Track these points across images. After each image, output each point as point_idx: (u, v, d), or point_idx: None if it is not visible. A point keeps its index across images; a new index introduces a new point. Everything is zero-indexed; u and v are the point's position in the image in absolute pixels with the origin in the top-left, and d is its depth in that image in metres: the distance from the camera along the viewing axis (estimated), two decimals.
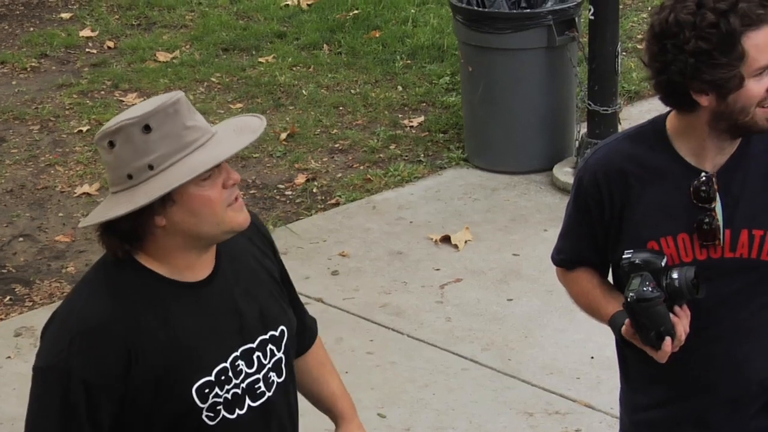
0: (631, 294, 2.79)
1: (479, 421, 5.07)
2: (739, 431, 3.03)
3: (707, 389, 3.01)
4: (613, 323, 2.97)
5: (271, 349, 2.71)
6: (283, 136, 8.04)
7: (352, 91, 8.71)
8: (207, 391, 2.59)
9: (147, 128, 2.50)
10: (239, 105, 8.59)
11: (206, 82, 8.96)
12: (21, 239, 6.85)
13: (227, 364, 2.63)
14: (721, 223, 2.90)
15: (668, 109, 2.98)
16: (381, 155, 7.75)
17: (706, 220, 2.89)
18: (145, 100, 8.27)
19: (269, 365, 2.71)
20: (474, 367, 5.46)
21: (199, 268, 2.64)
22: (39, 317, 5.98)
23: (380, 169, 7.53)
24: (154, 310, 2.56)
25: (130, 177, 2.53)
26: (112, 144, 2.54)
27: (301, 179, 7.48)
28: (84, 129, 8.17)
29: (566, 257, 3.13)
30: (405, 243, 6.61)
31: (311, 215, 7.02)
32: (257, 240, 2.80)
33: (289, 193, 7.35)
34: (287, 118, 8.33)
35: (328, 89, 8.75)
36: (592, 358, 5.44)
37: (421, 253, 6.50)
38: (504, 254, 6.46)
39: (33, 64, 9.35)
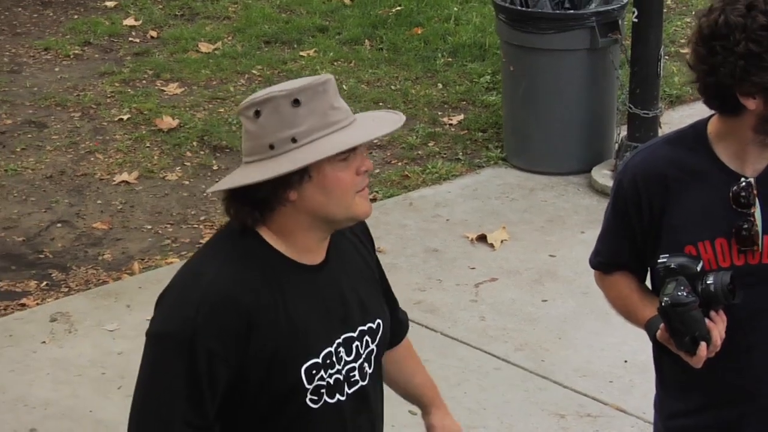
0: (665, 299, 2.78)
1: (510, 421, 5.06)
2: None
3: (743, 397, 2.98)
4: (649, 328, 2.95)
5: (367, 340, 2.77)
6: None
7: (393, 87, 8.70)
8: (314, 372, 2.64)
9: (296, 102, 2.56)
10: None
11: (247, 74, 8.97)
12: (59, 225, 6.89)
13: (332, 349, 2.68)
14: (759, 228, 2.88)
15: (709, 114, 2.96)
16: (419, 152, 7.74)
17: (745, 225, 2.87)
18: (186, 90, 8.22)
19: (364, 355, 2.76)
20: (507, 366, 5.45)
21: (316, 252, 2.69)
22: (74, 303, 6.02)
23: (418, 166, 7.52)
24: (272, 287, 2.60)
25: (271, 147, 2.58)
26: (258, 113, 2.60)
27: None
28: (125, 117, 8.20)
29: (604, 260, 3.12)
30: (441, 241, 6.61)
31: None
32: (361, 234, 2.87)
33: None
34: None
35: (369, 85, 8.75)
36: (626, 361, 5.42)
37: (457, 251, 6.50)
38: (540, 255, 6.44)
39: (76, 51, 9.40)
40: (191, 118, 8.21)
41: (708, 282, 2.81)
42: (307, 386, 2.63)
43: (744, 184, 2.87)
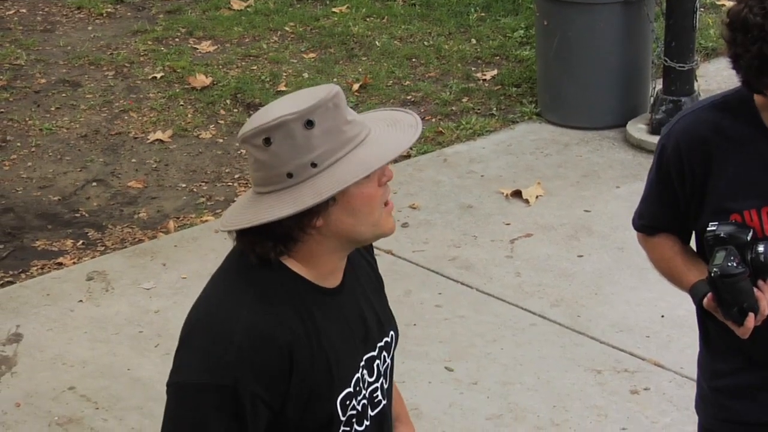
0: (715, 269, 2.73)
1: (547, 377, 5.05)
2: None
3: None
4: (695, 292, 2.91)
5: (383, 355, 2.62)
6: (356, 86, 8.02)
7: (426, 43, 8.66)
8: (348, 402, 2.49)
9: (309, 123, 2.34)
10: (312, 54, 8.57)
11: (280, 31, 8.95)
12: (94, 184, 6.91)
13: (359, 375, 2.53)
14: None
15: None
16: (453, 108, 7.71)
17: None
18: (219, 48, 8.20)
19: (383, 372, 2.62)
20: (542, 322, 5.44)
21: (339, 274, 2.51)
22: (111, 262, 6.04)
23: (452, 122, 7.50)
24: (304, 320, 2.42)
25: (290, 176, 2.35)
26: (268, 140, 2.35)
27: None
28: (158, 76, 8.20)
29: (647, 223, 3.09)
30: (475, 197, 6.59)
31: None
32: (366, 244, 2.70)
33: None
34: (360, 69, 8.30)
35: (402, 41, 8.71)
36: (663, 316, 5.40)
37: (492, 207, 6.48)
38: (575, 210, 6.42)
39: (109, 9, 9.40)
40: (224, 76, 8.20)
41: (759, 251, 2.77)
42: (342, 418, 2.48)
43: None
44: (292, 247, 2.41)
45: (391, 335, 2.64)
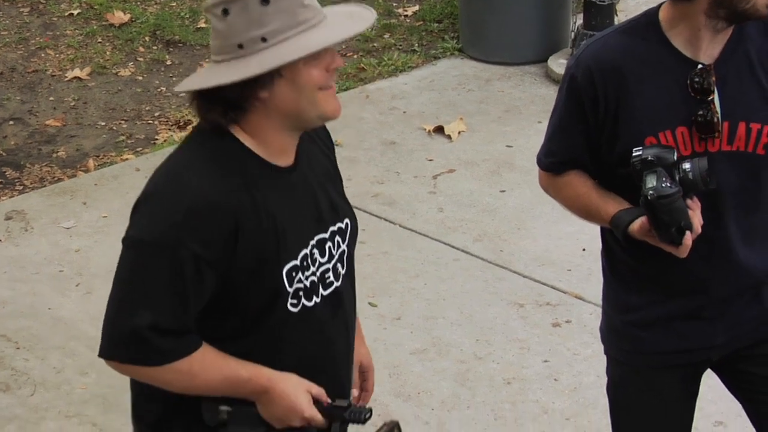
0: (650, 192, 2.73)
1: (470, 312, 5.08)
2: (732, 322, 3.02)
3: (704, 288, 2.98)
4: (618, 223, 2.90)
5: (338, 240, 2.74)
6: None
7: None
8: (294, 274, 2.61)
9: (264, 0, 2.50)
10: None
11: None
12: (11, 123, 6.81)
13: (307, 251, 2.65)
14: (719, 115, 2.86)
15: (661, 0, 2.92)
16: (375, 44, 7.68)
17: (705, 112, 2.84)
18: None
19: (336, 256, 2.74)
20: (465, 257, 5.47)
21: (288, 154, 2.65)
22: (30, 201, 5.97)
23: (374, 59, 7.47)
24: (252, 190, 2.57)
25: (240, 47, 2.52)
26: (226, 11, 2.53)
27: None
28: (75, 12, 8.07)
29: (557, 159, 3.03)
30: (398, 133, 6.58)
31: None
32: (322, 135, 2.85)
33: None
34: None
35: None
36: (584, 250, 5.44)
37: (415, 143, 6.48)
38: (497, 145, 6.43)
39: None
40: (143, 13, 8.09)
41: (686, 169, 2.79)
42: (288, 289, 2.61)
43: (701, 70, 2.85)
44: (241, 117, 2.57)
45: (347, 223, 2.78)
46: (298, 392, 2.61)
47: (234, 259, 2.54)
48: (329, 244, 2.72)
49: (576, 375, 4.70)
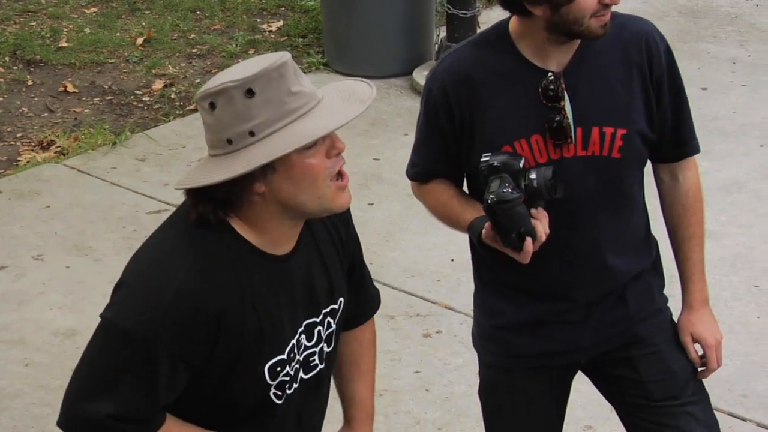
0: (491, 196, 2.79)
1: None
2: (598, 325, 3.07)
3: (568, 292, 3.03)
4: (473, 229, 2.96)
5: (329, 321, 2.65)
6: (140, 41, 7.89)
7: None
8: (279, 369, 2.53)
9: (250, 92, 2.36)
10: (94, 9, 8.40)
11: None
12: None
13: (294, 341, 2.55)
14: (571, 121, 2.91)
15: None
16: (240, 60, 7.62)
17: (557, 119, 2.90)
18: None
19: (324, 337, 2.64)
20: None
21: (289, 241, 2.53)
22: None
23: None
24: (242, 283, 2.44)
25: (229, 142, 2.39)
26: (213, 105, 2.39)
27: (158, 85, 7.36)
28: None
29: (420, 170, 3.10)
30: None
31: (169, 121, 6.93)
32: (339, 223, 2.71)
33: (147, 99, 7.23)
34: (143, 23, 8.17)
35: None
36: (453, 260, 5.49)
37: None
38: (365, 158, 6.46)
39: None
40: (2, 32, 7.96)
41: (531, 177, 2.84)
42: (270, 383, 2.52)
43: (551, 77, 2.90)
44: (231, 211, 2.45)
45: (340, 302, 2.67)
46: None
47: (212, 356, 2.44)
48: (320, 327, 2.62)
49: (447, 385, 4.73)
